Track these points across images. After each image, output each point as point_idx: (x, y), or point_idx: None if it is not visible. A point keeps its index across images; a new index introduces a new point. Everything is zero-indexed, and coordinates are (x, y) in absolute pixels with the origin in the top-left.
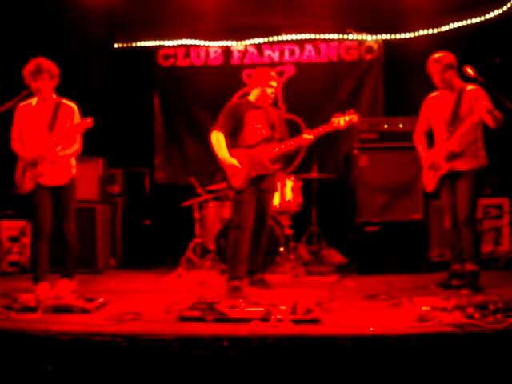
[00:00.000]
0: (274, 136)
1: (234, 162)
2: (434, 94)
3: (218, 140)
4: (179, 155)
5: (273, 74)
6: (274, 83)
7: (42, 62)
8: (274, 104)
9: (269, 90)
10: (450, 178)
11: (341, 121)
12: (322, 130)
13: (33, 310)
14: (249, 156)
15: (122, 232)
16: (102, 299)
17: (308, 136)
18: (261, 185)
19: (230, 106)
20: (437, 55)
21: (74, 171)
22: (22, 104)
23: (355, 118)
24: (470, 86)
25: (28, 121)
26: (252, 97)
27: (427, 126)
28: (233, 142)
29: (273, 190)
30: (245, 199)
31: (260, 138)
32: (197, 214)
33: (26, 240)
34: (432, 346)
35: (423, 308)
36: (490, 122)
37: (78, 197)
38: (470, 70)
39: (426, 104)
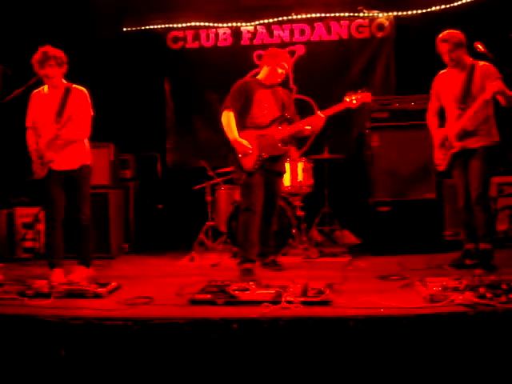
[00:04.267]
0: (285, 116)
1: (245, 142)
2: (444, 71)
3: (229, 121)
4: (191, 138)
5: (286, 54)
6: (285, 64)
7: (49, 49)
8: (285, 85)
9: (279, 70)
10: (462, 156)
11: (353, 99)
12: (335, 109)
13: (46, 295)
14: (260, 137)
15: (135, 216)
16: (114, 284)
17: (320, 115)
18: (270, 167)
19: (239, 85)
20: (444, 34)
21: (86, 157)
22: (35, 91)
23: (368, 96)
24: (481, 63)
25: (39, 108)
26: (261, 75)
27: (438, 104)
28: (243, 122)
29: (282, 172)
30: (255, 182)
31: (271, 118)
32: (209, 198)
33: (41, 226)
34: (443, 327)
35: (435, 288)
36: (501, 100)
37: (90, 183)
38: (480, 47)
39: (436, 82)
